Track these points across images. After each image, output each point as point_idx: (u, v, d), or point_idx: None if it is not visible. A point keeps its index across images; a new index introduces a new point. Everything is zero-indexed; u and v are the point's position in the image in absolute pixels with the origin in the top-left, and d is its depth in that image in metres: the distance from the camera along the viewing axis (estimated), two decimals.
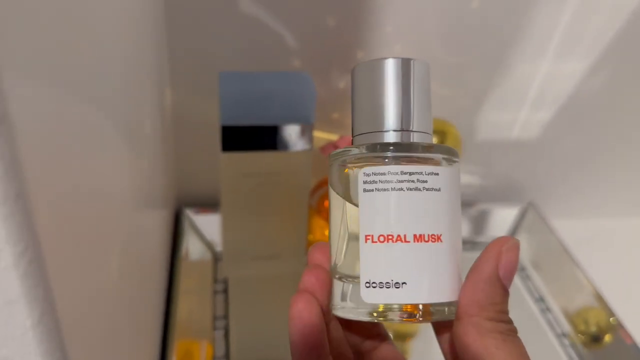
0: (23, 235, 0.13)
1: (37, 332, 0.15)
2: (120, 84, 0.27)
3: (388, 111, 0.21)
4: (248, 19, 0.46)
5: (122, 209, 0.27)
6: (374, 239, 0.20)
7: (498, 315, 0.20)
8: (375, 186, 0.21)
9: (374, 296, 0.20)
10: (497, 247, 0.20)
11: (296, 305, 0.21)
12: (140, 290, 0.35)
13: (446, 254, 0.20)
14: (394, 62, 0.21)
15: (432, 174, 0.20)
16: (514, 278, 0.21)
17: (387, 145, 0.21)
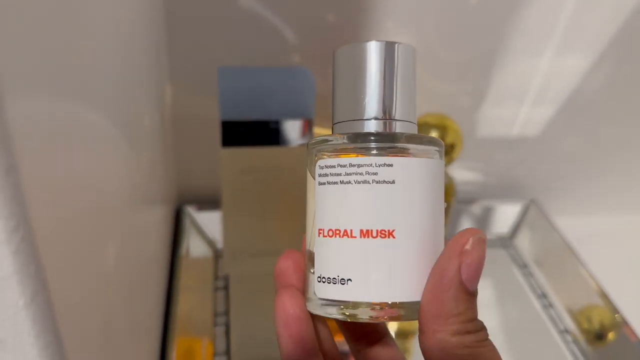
0: (15, 211, 0.13)
1: (30, 311, 0.15)
2: (118, 80, 0.27)
3: (369, 98, 0.20)
4: (248, 14, 0.46)
5: (119, 200, 0.27)
6: (325, 233, 0.20)
7: (463, 326, 0.18)
8: (326, 179, 0.20)
9: (324, 291, 0.20)
10: (458, 244, 0.18)
11: (280, 299, 0.20)
12: (140, 285, 0.35)
13: (401, 250, 0.19)
14: (377, 45, 0.20)
15: (385, 166, 0.19)
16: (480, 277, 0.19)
17: (366, 135, 0.20)
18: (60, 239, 0.17)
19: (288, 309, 0.20)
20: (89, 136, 0.21)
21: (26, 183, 0.13)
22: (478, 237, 0.18)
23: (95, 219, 0.21)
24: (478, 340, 0.18)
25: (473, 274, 0.18)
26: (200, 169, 0.54)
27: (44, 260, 0.15)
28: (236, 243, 0.49)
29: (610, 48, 0.52)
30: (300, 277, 0.22)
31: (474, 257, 0.18)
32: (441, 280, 0.18)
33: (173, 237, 0.51)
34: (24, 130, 0.13)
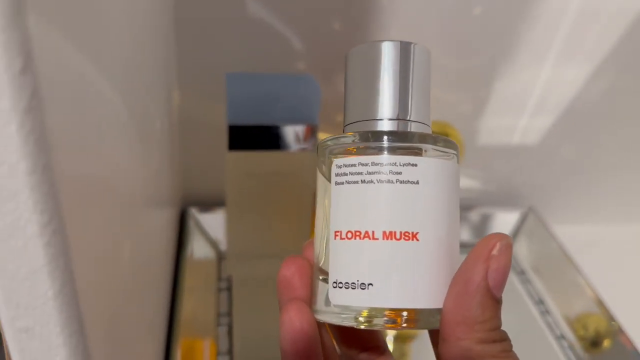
0: (48, 206, 0.14)
1: (58, 302, 0.16)
2: (132, 85, 0.28)
3: (383, 98, 0.19)
4: (255, 22, 0.47)
5: (133, 201, 0.28)
6: (342, 236, 0.19)
7: (489, 334, 0.17)
8: (345, 178, 0.19)
9: (340, 297, 0.19)
10: (485, 250, 0.18)
11: (287, 313, 0.19)
12: (149, 284, 0.36)
13: (424, 255, 0.18)
14: (393, 45, 0.20)
15: (409, 165, 0.18)
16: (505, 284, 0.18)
17: (379, 133, 0.19)
18: (86, 235, 0.18)
19: (296, 325, 0.19)
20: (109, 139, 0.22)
21: (59, 181, 0.14)
22: (506, 242, 0.18)
23: (114, 218, 0.22)
24: (504, 350, 0.18)
25: (500, 280, 0.18)
26: (205, 172, 0.55)
27: (72, 253, 0.16)
28: (239, 245, 0.50)
29: (609, 59, 0.54)
30: (305, 284, 0.20)
31: (501, 263, 0.17)
32: (467, 287, 0.17)
33: (178, 238, 0.52)
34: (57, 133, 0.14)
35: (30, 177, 0.13)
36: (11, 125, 0.13)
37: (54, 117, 0.14)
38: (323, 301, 0.19)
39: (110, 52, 0.22)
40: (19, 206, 0.14)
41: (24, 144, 0.13)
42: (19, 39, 0.12)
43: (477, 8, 0.49)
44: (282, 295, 0.20)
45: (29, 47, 0.12)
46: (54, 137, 0.14)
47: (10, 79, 0.12)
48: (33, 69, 0.12)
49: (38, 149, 0.13)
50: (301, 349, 0.19)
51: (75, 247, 0.16)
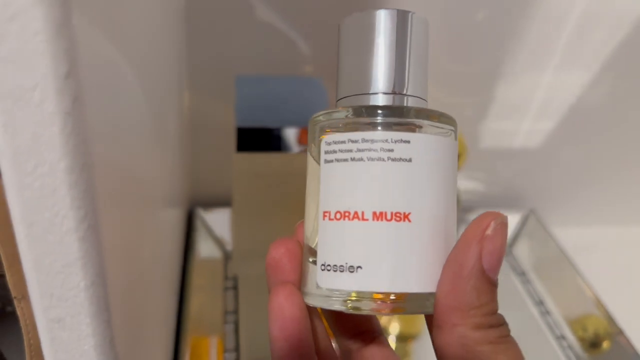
0: (84, 203, 0.15)
1: (89, 294, 0.17)
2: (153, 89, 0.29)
3: (378, 70, 0.18)
4: (263, 26, 0.48)
5: (154, 202, 0.29)
6: (331, 216, 0.18)
7: (486, 319, 0.17)
8: (335, 156, 0.18)
9: (329, 280, 0.18)
10: (479, 230, 0.17)
11: (276, 298, 0.18)
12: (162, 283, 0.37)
13: (416, 237, 0.17)
14: (389, 13, 0.18)
15: (401, 142, 0.17)
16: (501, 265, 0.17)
17: (373, 108, 0.18)
18: (116, 231, 0.19)
19: (285, 309, 0.18)
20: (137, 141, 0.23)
21: (95, 180, 0.15)
22: (500, 221, 0.17)
23: (139, 216, 0.23)
24: (501, 336, 0.17)
25: (495, 262, 0.17)
26: (212, 172, 0.56)
27: (104, 248, 0.17)
28: (245, 245, 0.51)
29: (610, 64, 0.54)
30: (295, 267, 0.19)
31: (496, 244, 0.16)
32: (461, 270, 0.16)
33: (185, 238, 0.53)
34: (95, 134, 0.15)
35: (69, 175, 0.14)
36: (54, 127, 0.14)
37: (93, 119, 0.15)
38: (313, 284, 0.18)
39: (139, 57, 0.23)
40: (57, 202, 0.15)
41: (65, 144, 0.14)
42: (65, 46, 0.13)
43: (480, 14, 0.50)
44: (271, 278, 0.20)
45: (74, 54, 0.13)
46: (92, 138, 0.15)
47: (55, 84, 0.13)
48: (76, 75, 0.13)
49: (77, 149, 0.14)
50: (291, 335, 0.18)
51: (107, 242, 0.17)
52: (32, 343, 0.25)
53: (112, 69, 0.18)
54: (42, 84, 0.13)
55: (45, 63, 0.13)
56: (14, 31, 0.12)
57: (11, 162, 0.14)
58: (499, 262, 0.17)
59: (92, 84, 0.15)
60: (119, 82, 0.20)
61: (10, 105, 0.13)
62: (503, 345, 0.17)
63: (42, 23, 0.12)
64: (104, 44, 0.17)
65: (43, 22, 0.12)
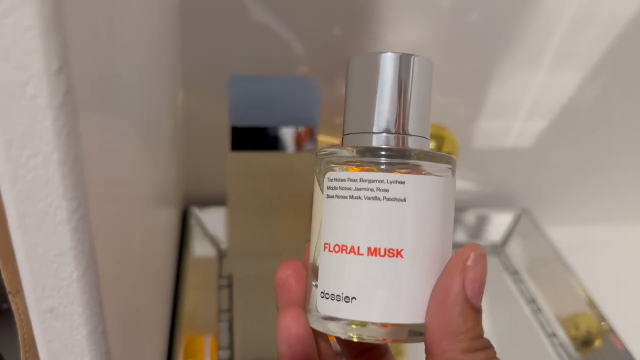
0: (77, 194, 0.15)
1: (81, 284, 0.17)
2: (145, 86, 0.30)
3: (382, 111, 0.20)
4: (258, 26, 0.48)
5: (143, 198, 0.29)
6: (331, 248, 0.19)
7: (473, 343, 0.18)
8: (335, 192, 0.19)
9: (327, 308, 0.19)
10: (461, 261, 0.18)
11: (283, 319, 0.20)
12: (155, 280, 0.37)
13: (408, 271, 0.19)
14: (393, 56, 0.19)
15: (396, 183, 0.19)
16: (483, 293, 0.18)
17: (377, 149, 0.19)
18: (107, 224, 0.19)
19: (292, 329, 0.20)
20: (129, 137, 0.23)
21: (87, 172, 0.16)
22: (480, 252, 0.18)
23: (129, 212, 0.24)
24: (489, 358, 0.18)
25: (477, 289, 0.18)
26: (207, 171, 0.56)
27: (95, 240, 0.17)
28: (240, 244, 0.51)
29: (602, 64, 0.55)
30: (301, 287, 0.21)
31: (477, 273, 0.18)
32: (447, 298, 0.18)
33: (180, 236, 0.53)
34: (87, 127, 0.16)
35: (62, 167, 0.15)
36: (47, 119, 0.14)
37: (85, 113, 0.15)
38: (315, 306, 0.20)
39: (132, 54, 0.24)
40: (50, 193, 0.15)
41: (58, 137, 0.14)
42: (57, 42, 0.13)
43: (472, 15, 0.50)
44: (279, 297, 0.21)
45: (66, 50, 0.13)
46: (84, 131, 0.15)
47: (47, 78, 0.14)
48: (68, 70, 0.14)
49: (70, 142, 0.15)
50: (297, 352, 0.20)
51: (98, 233, 0.17)
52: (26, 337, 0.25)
53: (105, 64, 0.19)
54: (34, 78, 0.14)
55: (38, 59, 0.13)
56: (6, 27, 0.13)
57: (5, 154, 0.14)
58: (481, 290, 0.18)
59: (85, 78, 0.15)
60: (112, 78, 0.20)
61: (4, 99, 0.14)
62: None
63: (34, 19, 0.13)
64: (97, 39, 0.18)
65: (35, 17, 0.13)
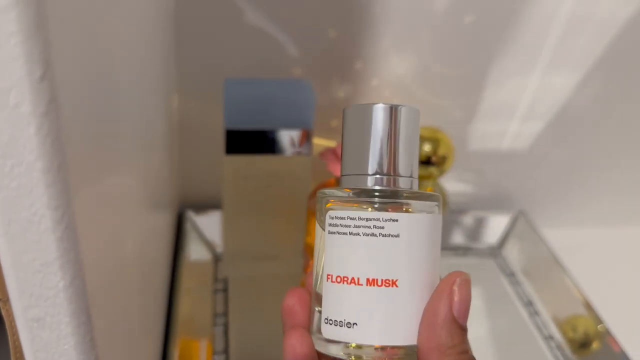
0: (61, 203, 0.15)
1: (68, 293, 0.17)
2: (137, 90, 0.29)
3: (373, 155, 0.22)
4: (252, 29, 0.48)
5: (135, 202, 0.29)
6: (333, 279, 0.22)
7: (460, 357, 0.20)
8: (336, 229, 0.22)
9: (330, 332, 0.22)
10: (448, 286, 0.21)
11: (289, 339, 0.22)
12: (149, 285, 0.37)
13: (402, 299, 0.21)
14: (382, 108, 0.22)
15: (390, 220, 0.21)
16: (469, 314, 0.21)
17: (371, 191, 0.22)
18: (95, 232, 0.19)
19: (297, 349, 0.22)
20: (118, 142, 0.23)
21: (72, 180, 0.15)
22: (464, 278, 0.21)
23: (120, 217, 0.23)
24: None
25: (463, 310, 0.20)
26: (202, 175, 0.56)
27: (82, 248, 0.17)
28: (236, 247, 0.51)
29: (597, 66, 0.55)
30: (305, 311, 0.23)
31: (463, 295, 0.20)
32: (436, 318, 0.20)
33: (175, 240, 0.53)
34: (71, 135, 0.15)
35: (46, 175, 0.15)
36: (30, 128, 0.14)
37: (70, 120, 0.15)
38: (318, 330, 0.22)
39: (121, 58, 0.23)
40: (34, 202, 0.15)
41: (41, 145, 0.14)
42: (39, 49, 0.13)
43: (467, 17, 0.50)
44: (285, 321, 0.23)
45: (48, 56, 0.13)
46: (69, 139, 0.15)
47: (30, 86, 0.13)
48: (51, 76, 0.13)
49: (54, 149, 0.14)
50: None
51: (85, 242, 0.17)
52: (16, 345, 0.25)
53: (93, 69, 0.19)
54: (17, 86, 0.13)
55: (20, 66, 0.13)
56: None
57: None
58: (466, 311, 0.21)
59: (70, 85, 0.15)
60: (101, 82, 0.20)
61: None
62: None
63: (17, 25, 0.13)
64: (84, 45, 0.17)
65: (17, 24, 0.13)
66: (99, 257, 0.19)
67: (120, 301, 0.25)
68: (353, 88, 0.53)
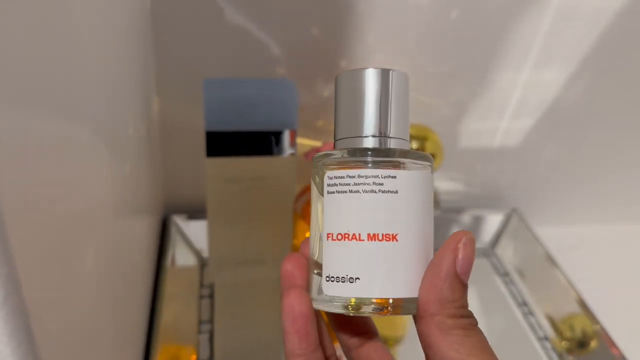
0: None
1: (3, 312, 0.16)
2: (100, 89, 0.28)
3: (367, 118, 0.23)
4: (233, 28, 0.47)
5: (100, 208, 0.28)
6: (334, 237, 0.22)
7: (458, 311, 0.21)
8: (335, 188, 0.22)
9: (333, 289, 0.22)
10: (453, 243, 0.21)
11: (288, 298, 0.22)
12: (125, 291, 0.35)
13: (403, 252, 0.21)
14: (374, 72, 0.23)
15: (389, 177, 0.22)
16: (471, 272, 0.21)
17: (365, 150, 0.22)
18: (34, 242, 0.18)
19: (295, 306, 0.22)
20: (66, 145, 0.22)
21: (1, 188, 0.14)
22: (469, 237, 0.21)
23: (72, 225, 0.22)
24: (471, 324, 0.21)
25: (466, 267, 0.21)
26: (187, 179, 0.55)
27: (18, 263, 0.16)
28: (221, 252, 0.50)
29: (587, 61, 0.54)
30: (304, 275, 0.23)
31: (467, 253, 0.21)
32: (439, 272, 0.21)
33: (159, 246, 0.52)
34: None
35: None
36: None
37: None
38: (317, 291, 0.23)
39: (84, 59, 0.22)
40: None
41: None
42: None
43: (453, 12, 0.49)
44: (283, 284, 0.24)
45: None
46: None
47: None
48: None
49: None
50: (300, 328, 0.22)
51: (21, 255, 0.16)
52: None
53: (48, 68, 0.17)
54: None
55: None
56: None
57: None
58: (469, 268, 0.21)
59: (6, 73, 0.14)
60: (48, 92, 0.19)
61: None
62: (472, 331, 0.21)
63: None
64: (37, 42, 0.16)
65: None
66: (43, 270, 0.18)
67: (78, 314, 0.23)
68: None
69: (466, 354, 0.20)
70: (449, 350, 0.20)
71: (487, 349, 0.21)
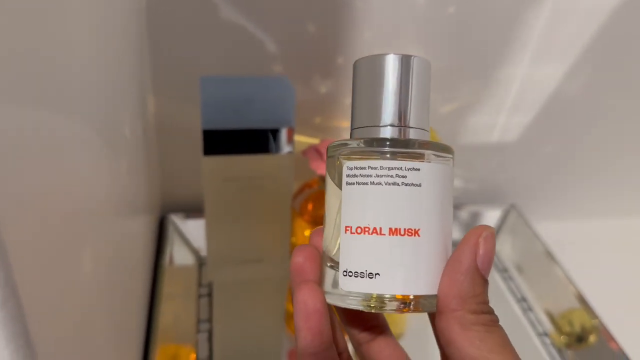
0: None
1: (1, 316, 0.15)
2: (95, 88, 0.28)
3: (386, 106, 0.22)
4: (229, 25, 0.46)
5: (96, 208, 0.28)
6: (352, 230, 0.21)
7: (479, 306, 0.20)
8: (356, 180, 0.21)
9: (350, 284, 0.21)
10: (474, 237, 0.21)
11: (300, 294, 0.21)
12: (122, 291, 0.35)
13: (424, 248, 0.21)
14: (394, 58, 0.22)
15: (413, 170, 0.20)
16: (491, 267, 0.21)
17: (383, 140, 0.21)
18: (31, 244, 0.17)
19: (309, 303, 0.21)
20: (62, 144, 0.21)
21: None
22: (490, 232, 0.21)
23: (68, 226, 0.22)
24: (492, 320, 0.20)
25: (487, 262, 0.20)
26: (185, 177, 0.55)
27: (15, 266, 0.15)
28: (219, 250, 0.49)
29: (586, 55, 0.54)
30: (315, 269, 0.22)
31: (488, 248, 0.20)
32: (460, 267, 0.20)
33: (157, 245, 0.52)
34: None
35: None
36: None
37: None
38: (330, 285, 0.22)
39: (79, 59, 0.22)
40: None
41: None
42: None
43: (450, 7, 0.49)
44: (295, 279, 0.22)
45: None
46: None
47: None
48: None
49: None
50: (313, 324, 0.21)
51: (17, 256, 0.16)
52: None
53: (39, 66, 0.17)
54: None
55: None
56: None
57: None
58: (490, 263, 0.21)
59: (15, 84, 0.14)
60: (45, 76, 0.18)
61: None
62: (494, 327, 0.20)
63: None
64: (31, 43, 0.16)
65: None
66: (41, 272, 0.18)
67: (78, 316, 0.23)
68: (335, 84, 0.51)
69: (487, 350, 0.20)
70: (469, 347, 0.20)
71: (509, 347, 0.20)
